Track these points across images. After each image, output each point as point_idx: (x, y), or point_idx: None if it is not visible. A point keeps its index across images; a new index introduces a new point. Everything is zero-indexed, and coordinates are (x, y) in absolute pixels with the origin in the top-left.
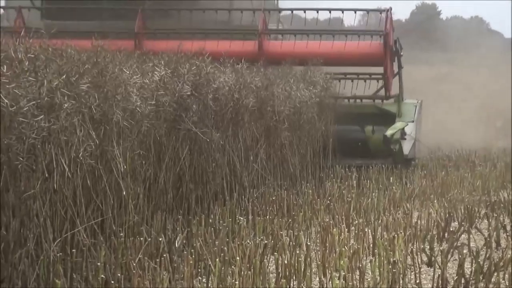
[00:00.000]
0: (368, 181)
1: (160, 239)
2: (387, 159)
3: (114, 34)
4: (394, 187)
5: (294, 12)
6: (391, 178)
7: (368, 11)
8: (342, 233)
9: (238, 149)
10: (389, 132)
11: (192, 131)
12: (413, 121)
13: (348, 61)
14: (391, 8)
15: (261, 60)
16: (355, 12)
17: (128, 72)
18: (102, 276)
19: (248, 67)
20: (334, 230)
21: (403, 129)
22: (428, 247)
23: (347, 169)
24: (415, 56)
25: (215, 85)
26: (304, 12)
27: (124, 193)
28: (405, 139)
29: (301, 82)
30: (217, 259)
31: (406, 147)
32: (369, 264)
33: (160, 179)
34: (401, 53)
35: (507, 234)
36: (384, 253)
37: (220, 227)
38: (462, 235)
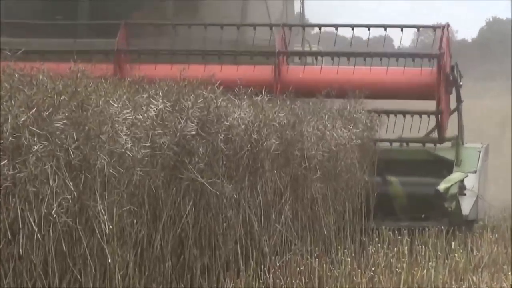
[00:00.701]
0: (423, 246)
1: None
2: (441, 221)
3: (98, 57)
4: (456, 255)
5: (323, 29)
6: (453, 243)
7: (418, 27)
8: None
9: (256, 205)
10: (442, 185)
11: (197, 182)
12: (475, 172)
13: (389, 92)
14: (448, 25)
15: (279, 90)
16: (402, 30)
17: (116, 106)
18: None
19: (270, 99)
20: None
21: (462, 181)
22: None
23: (396, 232)
24: (481, 86)
25: (227, 122)
26: (336, 29)
27: (110, 260)
28: (464, 194)
29: (338, 119)
30: None
31: (466, 206)
32: None
33: (156, 242)
34: (461, 83)
35: None
36: None
37: None
38: None
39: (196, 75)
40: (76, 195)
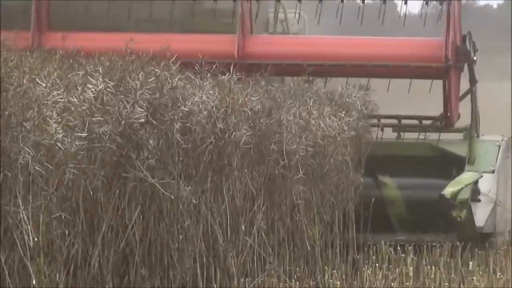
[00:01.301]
0: (433, 267)
1: None
2: (448, 235)
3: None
4: (475, 278)
5: None
6: (471, 262)
7: None
8: None
9: (221, 212)
10: (449, 189)
11: (146, 183)
12: (493, 171)
13: (382, 69)
14: None
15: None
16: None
17: (44, 85)
18: None
19: (240, 78)
20: None
21: (475, 184)
22: None
23: (398, 248)
24: (503, 65)
25: (185, 107)
26: None
27: (34, 282)
28: (479, 200)
29: (327, 105)
30: None
31: (481, 215)
32: None
33: (93, 259)
34: (475, 57)
35: None
36: None
37: None
38: None
39: (142, 46)
40: None
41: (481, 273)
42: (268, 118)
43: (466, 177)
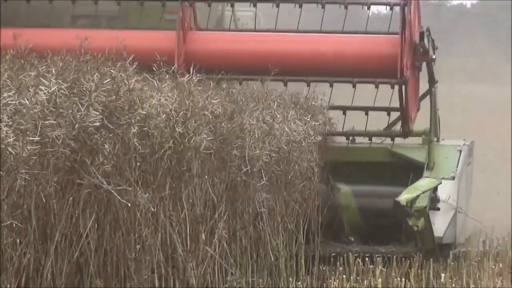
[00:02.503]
0: (403, 279)
1: None
2: (405, 246)
3: None
4: None
5: None
6: (443, 274)
7: None
8: None
9: (180, 221)
10: (405, 196)
11: (102, 189)
12: (453, 178)
13: (334, 68)
14: None
15: (182, 64)
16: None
17: None
18: None
19: (200, 80)
20: None
21: (434, 191)
22: None
23: (366, 259)
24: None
25: (143, 110)
26: None
27: None
28: (438, 209)
29: (291, 108)
30: None
31: (440, 224)
32: None
33: (46, 270)
34: (434, 55)
35: None
36: None
37: None
38: None
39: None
40: None
41: (453, 285)
42: (229, 122)
43: (424, 183)
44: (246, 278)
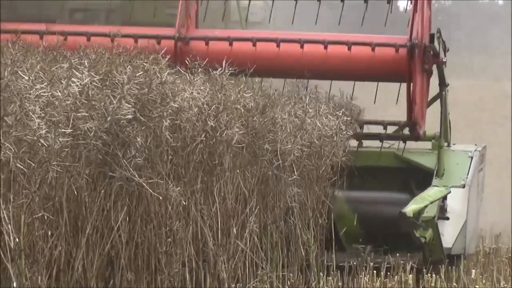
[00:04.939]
0: (434, 275)
1: None
2: (412, 256)
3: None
4: (477, 287)
5: None
6: (473, 270)
7: None
8: None
9: (211, 215)
10: (412, 206)
11: (133, 182)
12: (463, 186)
13: (343, 72)
14: None
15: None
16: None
17: (26, 78)
18: None
19: (232, 73)
20: None
21: (443, 200)
22: None
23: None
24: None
25: (175, 103)
26: None
27: (15, 284)
28: (447, 219)
29: (324, 104)
30: None
31: (450, 235)
32: None
33: (77, 262)
34: (445, 58)
35: None
36: None
37: None
38: None
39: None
40: None
41: (484, 281)
42: (261, 116)
43: (432, 193)
44: (276, 272)
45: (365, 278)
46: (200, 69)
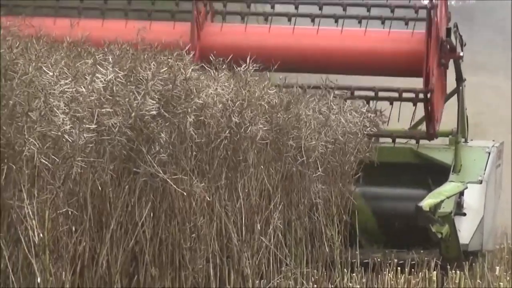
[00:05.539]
0: (458, 272)
1: None
2: (429, 252)
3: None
4: (502, 283)
5: None
6: (498, 267)
7: None
8: None
9: (235, 211)
10: (428, 201)
11: (158, 178)
12: (480, 182)
13: (361, 65)
14: None
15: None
16: None
17: (51, 74)
18: None
19: (256, 69)
20: None
21: (460, 196)
22: None
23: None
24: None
25: (199, 100)
26: None
27: (39, 280)
28: (464, 214)
29: (348, 100)
30: None
31: (466, 231)
32: None
33: (101, 258)
34: (462, 53)
35: None
36: None
37: None
38: None
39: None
40: None
41: (508, 278)
42: (286, 113)
43: (449, 188)
44: (300, 268)
45: (389, 274)
46: (224, 65)
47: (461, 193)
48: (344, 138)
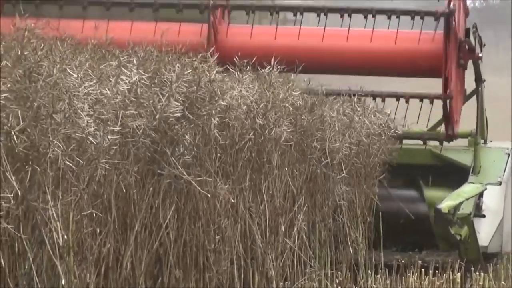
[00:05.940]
0: (483, 273)
1: None
2: (448, 253)
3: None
4: None
5: None
6: None
7: None
8: None
9: (260, 212)
10: (447, 203)
11: (182, 180)
12: (500, 183)
13: (375, 65)
14: None
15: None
16: None
17: (75, 76)
18: None
19: (281, 71)
20: None
21: (479, 197)
22: None
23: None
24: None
25: (223, 101)
26: None
27: (63, 281)
28: (483, 216)
29: (371, 102)
30: None
31: (486, 233)
32: None
33: (126, 260)
34: (481, 54)
35: None
36: None
37: None
38: None
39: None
40: (20, 194)
41: None
42: (310, 114)
43: (468, 189)
44: (325, 270)
45: (413, 276)
46: (248, 67)
47: (480, 195)
48: (368, 140)
